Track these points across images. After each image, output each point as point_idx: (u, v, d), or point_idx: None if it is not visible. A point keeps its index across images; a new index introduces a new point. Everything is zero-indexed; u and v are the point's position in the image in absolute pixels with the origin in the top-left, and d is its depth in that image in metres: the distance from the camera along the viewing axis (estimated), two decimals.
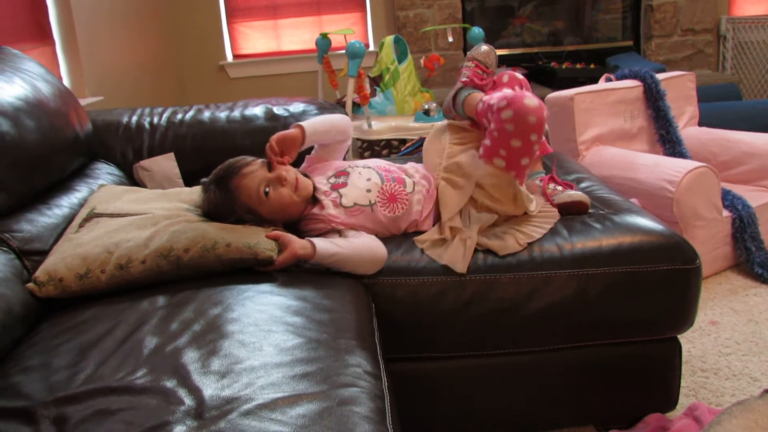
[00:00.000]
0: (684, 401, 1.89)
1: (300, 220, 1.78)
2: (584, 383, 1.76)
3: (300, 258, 1.59)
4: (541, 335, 1.70)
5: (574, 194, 1.87)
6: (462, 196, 1.80)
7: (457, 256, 1.67)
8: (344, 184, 1.82)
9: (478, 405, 1.75)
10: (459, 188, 1.81)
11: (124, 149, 2.22)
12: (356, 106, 3.68)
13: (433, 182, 1.87)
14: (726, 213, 2.65)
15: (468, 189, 1.80)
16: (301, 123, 1.83)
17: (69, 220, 1.74)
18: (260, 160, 1.75)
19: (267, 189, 1.69)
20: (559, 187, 1.93)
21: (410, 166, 1.94)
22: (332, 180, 1.84)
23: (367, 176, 1.83)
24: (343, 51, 3.43)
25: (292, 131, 1.80)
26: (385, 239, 1.75)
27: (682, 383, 1.93)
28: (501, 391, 1.75)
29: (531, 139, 1.68)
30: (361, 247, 1.66)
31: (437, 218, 1.84)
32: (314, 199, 1.78)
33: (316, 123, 1.89)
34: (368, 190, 1.80)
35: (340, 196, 1.79)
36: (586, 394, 1.78)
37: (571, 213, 1.85)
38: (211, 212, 1.70)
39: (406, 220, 1.82)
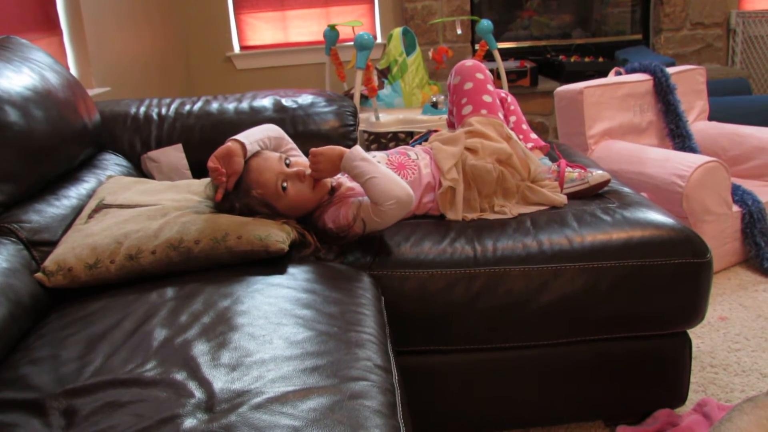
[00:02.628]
0: (693, 397, 1.89)
1: (313, 211, 1.77)
2: (593, 378, 1.75)
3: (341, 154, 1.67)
4: (551, 329, 1.69)
5: (603, 174, 1.96)
6: (455, 151, 1.88)
7: (445, 205, 1.84)
8: None
9: (486, 399, 1.74)
10: (451, 143, 1.91)
11: (132, 140, 2.22)
12: (364, 98, 3.67)
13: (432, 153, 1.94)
14: (736, 208, 2.64)
15: (460, 142, 1.90)
16: (234, 137, 1.72)
17: (77, 210, 1.73)
18: (277, 155, 1.74)
19: (285, 184, 1.68)
20: (577, 171, 1.98)
21: (409, 146, 2.03)
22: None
23: (372, 155, 1.86)
24: (351, 43, 3.41)
25: (229, 145, 1.69)
26: (397, 226, 1.75)
27: (692, 379, 1.92)
28: (510, 385, 1.74)
29: (478, 77, 2.01)
30: (391, 172, 1.71)
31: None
32: (332, 192, 1.78)
33: (251, 133, 1.78)
34: (377, 162, 1.81)
35: None
36: (595, 389, 1.77)
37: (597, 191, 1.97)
38: (223, 205, 1.69)
39: (419, 185, 1.84)
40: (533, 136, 2.17)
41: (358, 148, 1.70)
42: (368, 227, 1.69)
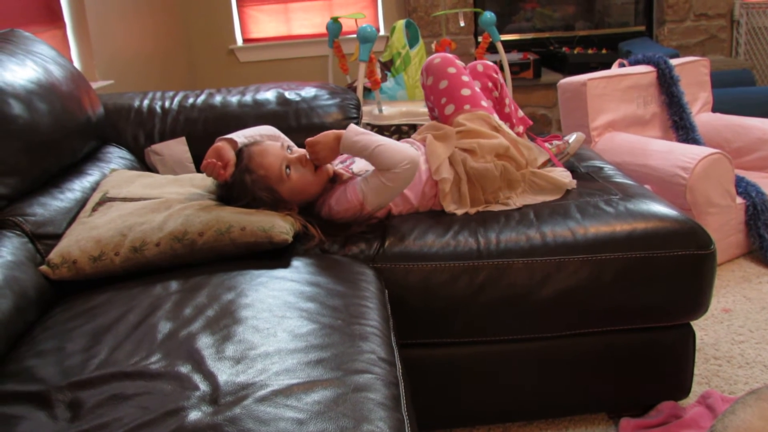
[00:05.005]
0: (697, 389, 1.89)
1: (316, 200, 1.78)
2: (597, 370, 1.76)
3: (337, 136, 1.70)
4: (554, 321, 1.69)
5: (578, 136, 2.09)
6: (447, 146, 1.87)
7: (449, 205, 1.82)
8: (352, 162, 1.90)
9: (490, 391, 1.75)
10: (443, 139, 1.89)
11: (136, 133, 2.22)
12: (367, 90, 3.66)
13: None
14: (739, 200, 2.64)
15: (451, 139, 1.88)
16: (224, 137, 1.78)
17: (81, 203, 1.74)
18: (279, 143, 1.75)
19: (288, 168, 1.69)
20: (555, 145, 2.07)
21: (407, 139, 2.02)
22: (339, 165, 1.89)
23: None
24: (354, 35, 3.40)
25: (219, 144, 1.74)
26: (400, 219, 1.76)
27: (695, 371, 1.92)
28: (513, 377, 1.74)
29: (450, 72, 1.97)
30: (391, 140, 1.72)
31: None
32: (333, 179, 1.80)
33: (240, 132, 1.84)
34: None
35: (352, 169, 1.86)
36: (599, 382, 1.77)
37: None
38: (226, 194, 1.70)
39: (419, 181, 1.83)
40: (520, 113, 2.18)
41: (353, 126, 1.71)
42: (379, 201, 1.71)
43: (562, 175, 1.91)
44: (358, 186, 1.72)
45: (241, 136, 1.79)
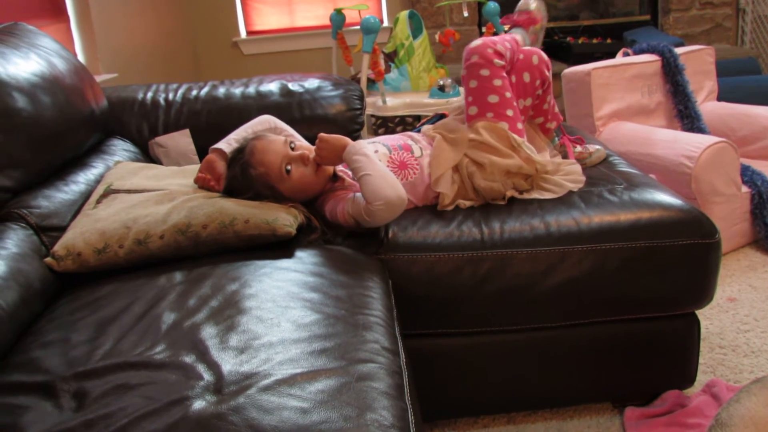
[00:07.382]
0: (702, 378, 1.89)
1: (318, 197, 1.77)
2: (601, 360, 1.76)
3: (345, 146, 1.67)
4: (559, 311, 1.69)
5: (600, 153, 2.09)
6: (455, 154, 1.83)
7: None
8: None
9: (494, 381, 1.75)
10: (453, 143, 1.85)
11: (140, 125, 2.22)
12: (371, 82, 3.65)
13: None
14: (745, 189, 2.63)
15: (461, 146, 1.83)
16: (215, 146, 1.84)
17: (86, 196, 1.74)
18: (282, 138, 1.74)
19: (288, 167, 1.68)
20: (578, 150, 2.06)
21: (414, 133, 1.97)
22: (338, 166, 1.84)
23: (373, 149, 1.81)
24: (358, 26, 3.39)
25: (210, 157, 1.81)
26: (404, 211, 1.75)
27: (700, 360, 1.92)
28: (517, 367, 1.74)
29: (482, 74, 1.85)
30: (388, 172, 1.67)
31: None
32: (334, 178, 1.77)
33: (233, 134, 1.88)
34: (378, 159, 1.78)
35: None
36: (604, 371, 1.77)
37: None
38: (229, 187, 1.70)
39: (422, 183, 1.82)
40: (556, 109, 2.11)
41: (361, 142, 1.68)
42: (362, 224, 1.67)
43: (573, 171, 1.88)
44: (346, 208, 1.67)
45: (232, 142, 1.82)
